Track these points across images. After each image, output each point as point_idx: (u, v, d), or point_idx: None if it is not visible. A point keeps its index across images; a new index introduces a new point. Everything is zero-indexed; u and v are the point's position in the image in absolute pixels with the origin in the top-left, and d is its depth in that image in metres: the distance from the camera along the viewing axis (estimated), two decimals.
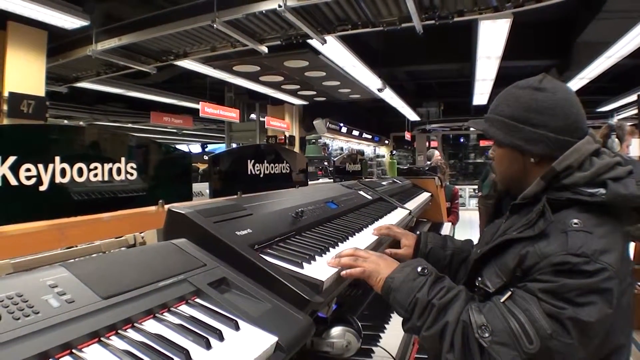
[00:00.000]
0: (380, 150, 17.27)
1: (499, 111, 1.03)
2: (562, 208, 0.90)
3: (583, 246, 0.82)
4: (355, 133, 13.22)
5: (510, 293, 0.86)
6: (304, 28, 4.86)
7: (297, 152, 4.75)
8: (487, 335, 0.81)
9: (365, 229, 1.51)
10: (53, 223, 0.97)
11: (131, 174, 1.17)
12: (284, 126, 10.65)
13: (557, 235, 0.85)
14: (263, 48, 5.59)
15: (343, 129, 12.04)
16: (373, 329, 1.65)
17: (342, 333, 1.16)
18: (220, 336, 0.70)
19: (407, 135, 14.40)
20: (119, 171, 1.14)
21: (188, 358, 0.63)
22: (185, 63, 6.65)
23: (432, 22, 4.75)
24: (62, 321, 0.61)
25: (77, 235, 1.00)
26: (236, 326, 0.75)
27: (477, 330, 0.83)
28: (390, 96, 9.55)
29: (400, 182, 3.29)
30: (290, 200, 1.47)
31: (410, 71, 10.16)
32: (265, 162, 1.89)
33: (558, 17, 6.92)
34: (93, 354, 0.60)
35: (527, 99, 0.98)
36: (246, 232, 1.04)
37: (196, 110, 8.83)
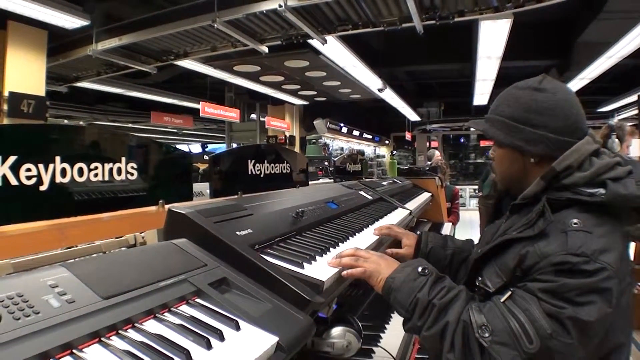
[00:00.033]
0: (380, 150, 17.26)
1: (500, 112, 1.04)
2: (562, 208, 0.90)
3: (583, 246, 0.82)
4: (355, 133, 13.22)
5: (510, 293, 0.86)
6: (305, 28, 4.86)
7: (298, 152, 4.75)
8: (488, 335, 0.82)
9: (365, 229, 1.51)
10: (53, 223, 0.97)
11: (131, 174, 1.17)
12: (285, 126, 10.65)
13: (557, 235, 0.86)
14: (263, 48, 5.59)
15: (343, 129, 12.05)
16: (373, 329, 1.65)
17: (343, 333, 1.16)
18: (220, 336, 0.70)
19: (408, 135, 14.41)
20: (120, 171, 1.14)
21: (189, 358, 0.63)
22: (185, 63, 6.65)
23: (433, 22, 4.75)
24: (63, 321, 0.61)
25: (78, 235, 1.00)
26: (237, 326, 0.75)
27: (478, 330, 0.83)
28: (390, 96, 9.55)
29: (400, 182, 3.29)
30: (290, 200, 1.47)
31: (410, 71, 10.16)
32: (265, 162, 1.89)
33: (558, 18, 6.92)
34: (93, 354, 0.60)
35: (527, 100, 0.99)
36: (247, 232, 1.04)
37: (196, 110, 8.83)
